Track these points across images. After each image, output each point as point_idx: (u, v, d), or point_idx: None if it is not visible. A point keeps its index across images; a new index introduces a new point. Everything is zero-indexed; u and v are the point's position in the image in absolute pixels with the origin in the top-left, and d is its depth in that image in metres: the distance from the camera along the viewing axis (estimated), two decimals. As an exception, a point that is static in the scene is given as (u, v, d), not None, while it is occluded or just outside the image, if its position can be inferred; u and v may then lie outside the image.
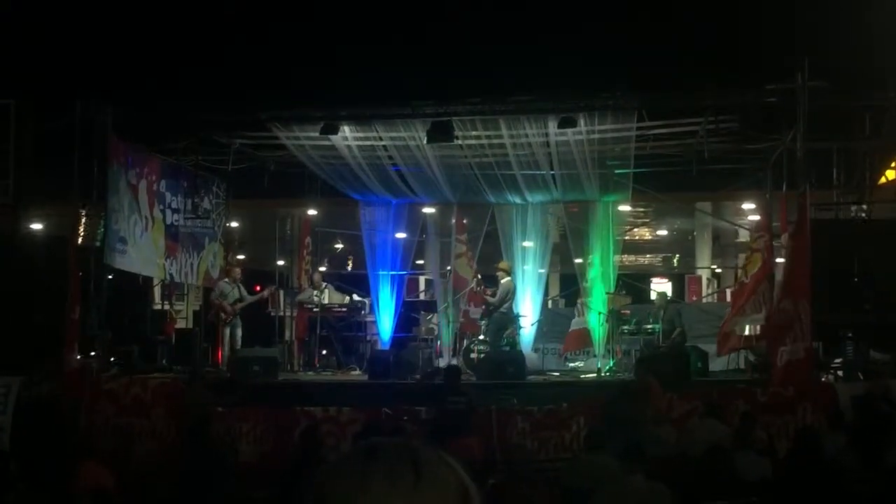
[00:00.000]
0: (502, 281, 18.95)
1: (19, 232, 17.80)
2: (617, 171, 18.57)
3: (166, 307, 21.09)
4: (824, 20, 22.29)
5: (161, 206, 18.32)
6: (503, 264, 19.51)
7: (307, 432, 11.52)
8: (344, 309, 21.07)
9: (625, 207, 21.01)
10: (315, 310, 20.27)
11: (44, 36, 24.82)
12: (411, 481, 1.48)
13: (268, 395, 15.75)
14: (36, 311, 16.08)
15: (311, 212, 22.23)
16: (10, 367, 14.45)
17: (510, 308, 18.94)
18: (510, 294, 18.95)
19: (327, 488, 1.51)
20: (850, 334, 15.85)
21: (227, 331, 19.09)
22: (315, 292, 20.57)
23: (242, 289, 19.67)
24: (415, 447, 1.55)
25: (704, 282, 25.84)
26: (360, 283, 21.93)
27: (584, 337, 19.93)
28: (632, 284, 22.46)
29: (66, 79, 21.71)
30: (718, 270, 26.73)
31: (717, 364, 18.13)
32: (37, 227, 19.32)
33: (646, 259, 29.41)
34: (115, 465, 9.80)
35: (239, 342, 19.07)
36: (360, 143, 18.19)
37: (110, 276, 17.14)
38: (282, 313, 21.36)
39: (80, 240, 16.83)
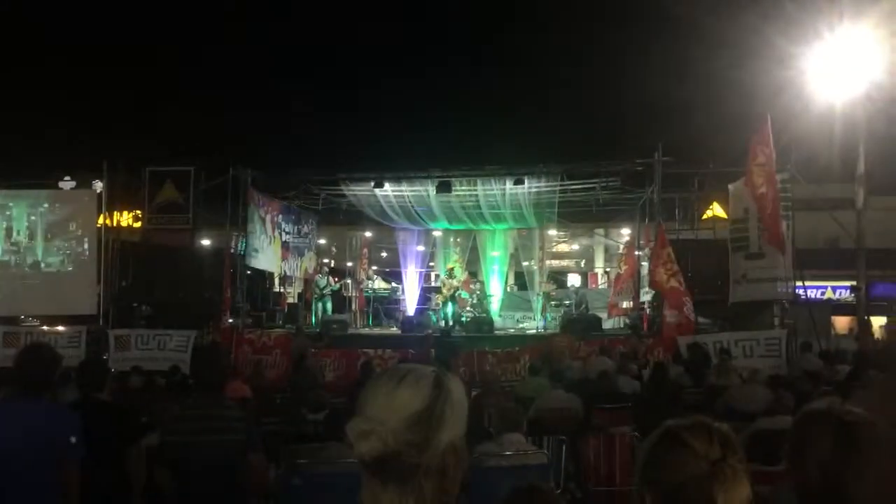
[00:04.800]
0: (455, 282, 19.00)
1: (195, 245, 17.92)
2: (547, 210, 18.60)
3: (282, 290, 21.11)
4: (674, 117, 22.51)
5: (279, 231, 18.35)
6: (444, 278, 19.48)
7: (365, 364, 11.54)
8: (387, 291, 21.15)
9: (552, 232, 21.07)
10: (369, 292, 20.38)
11: (205, 125, 25.06)
12: (396, 381, 1.34)
13: (342, 342, 15.80)
14: (205, 292, 16.15)
15: (368, 234, 22.23)
16: (190, 325, 14.54)
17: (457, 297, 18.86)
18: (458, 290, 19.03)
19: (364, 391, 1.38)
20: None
21: (319, 304, 19.10)
22: (369, 282, 20.70)
23: (330, 279, 19.65)
24: (414, 367, 1.38)
25: (600, 277, 25.82)
26: (396, 275, 22.01)
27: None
28: (556, 277, 22.47)
29: (220, 151, 21.85)
30: (608, 270, 26.69)
31: (608, 325, 18.14)
32: (206, 242, 19.38)
33: (564, 262, 29.29)
34: (252, 383, 9.83)
35: (329, 311, 19.01)
36: (394, 193, 18.08)
37: (248, 272, 17.19)
38: (349, 294, 21.43)
39: (231, 249, 16.88)
